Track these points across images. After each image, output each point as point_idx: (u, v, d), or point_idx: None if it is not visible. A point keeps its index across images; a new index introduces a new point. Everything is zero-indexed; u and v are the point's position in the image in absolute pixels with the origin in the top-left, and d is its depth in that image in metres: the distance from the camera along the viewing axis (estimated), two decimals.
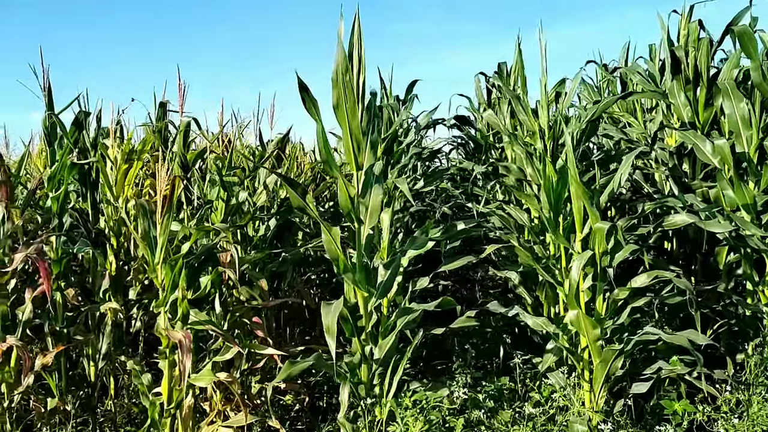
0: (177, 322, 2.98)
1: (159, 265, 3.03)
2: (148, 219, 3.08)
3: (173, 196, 2.95)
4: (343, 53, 2.64)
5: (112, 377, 4.10)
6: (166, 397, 3.08)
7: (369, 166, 2.83)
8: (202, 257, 3.20)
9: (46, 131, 3.55)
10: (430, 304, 3.07)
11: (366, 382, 2.89)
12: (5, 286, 3.26)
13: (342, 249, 2.81)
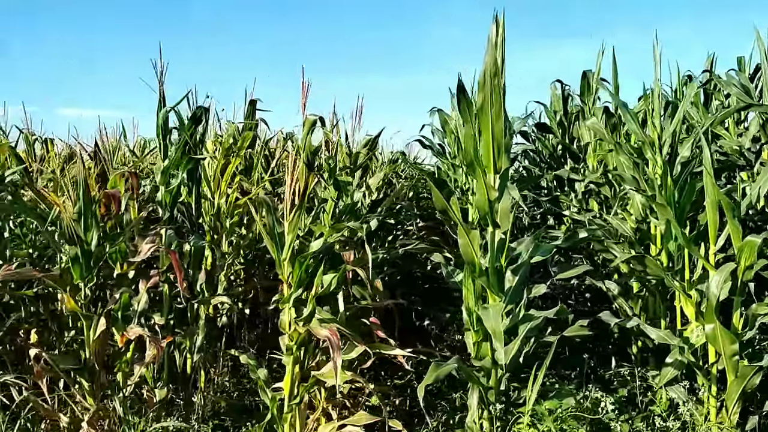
0: (302, 319, 2.98)
1: (285, 262, 3.04)
2: (272, 215, 3.09)
3: (305, 194, 2.96)
4: (493, 57, 2.63)
5: (203, 371, 4.12)
6: (288, 393, 3.08)
7: (504, 170, 2.82)
8: (320, 255, 3.21)
9: (161, 126, 3.57)
10: (549, 312, 3.06)
11: (495, 387, 2.87)
12: (127, 276, 3.28)
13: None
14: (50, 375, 3.02)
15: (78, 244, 3.01)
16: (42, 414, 3.11)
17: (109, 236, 3.18)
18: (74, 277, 3.08)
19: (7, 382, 3.35)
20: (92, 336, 3.10)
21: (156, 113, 3.62)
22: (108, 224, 3.17)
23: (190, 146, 3.64)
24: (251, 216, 4.57)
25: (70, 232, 2.99)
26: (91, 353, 3.11)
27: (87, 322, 3.10)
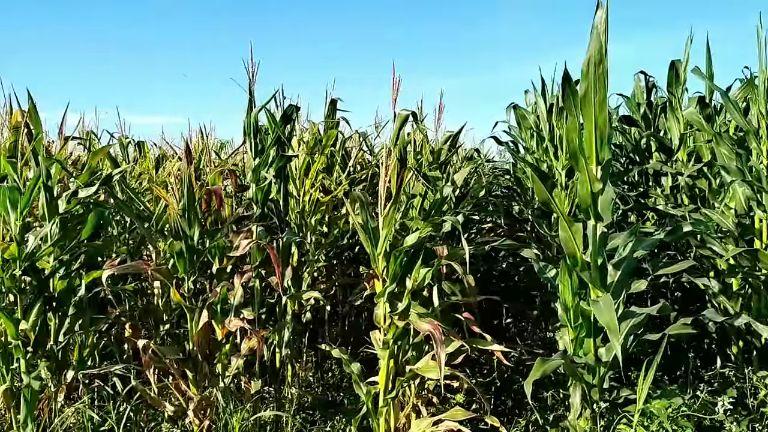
0: (398, 314, 2.99)
1: (380, 256, 3.06)
2: (366, 210, 3.12)
3: (400, 188, 2.97)
4: (599, 44, 2.57)
5: (289, 365, 4.21)
6: (383, 387, 3.10)
7: (606, 161, 2.74)
8: (412, 250, 3.21)
9: (253, 125, 3.66)
10: (652, 309, 2.95)
11: (598, 385, 2.80)
12: (225, 270, 3.39)
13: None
14: (157, 365, 3.15)
15: (183, 239, 3.13)
16: (148, 402, 3.25)
17: (209, 232, 3.28)
18: (179, 271, 3.20)
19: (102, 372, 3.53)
20: (195, 328, 3.21)
21: (246, 113, 3.71)
22: (208, 220, 3.28)
23: (280, 145, 3.72)
24: (332, 214, 4.65)
25: (176, 228, 3.11)
26: (194, 344, 3.22)
27: (190, 314, 3.22)
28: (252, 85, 3.62)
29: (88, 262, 3.62)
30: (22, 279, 3.30)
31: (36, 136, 3.34)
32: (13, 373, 3.31)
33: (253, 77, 3.62)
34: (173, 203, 3.04)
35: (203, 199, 3.20)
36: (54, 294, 3.43)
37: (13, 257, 3.22)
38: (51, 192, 3.37)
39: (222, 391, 3.21)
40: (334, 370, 4.64)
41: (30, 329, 3.15)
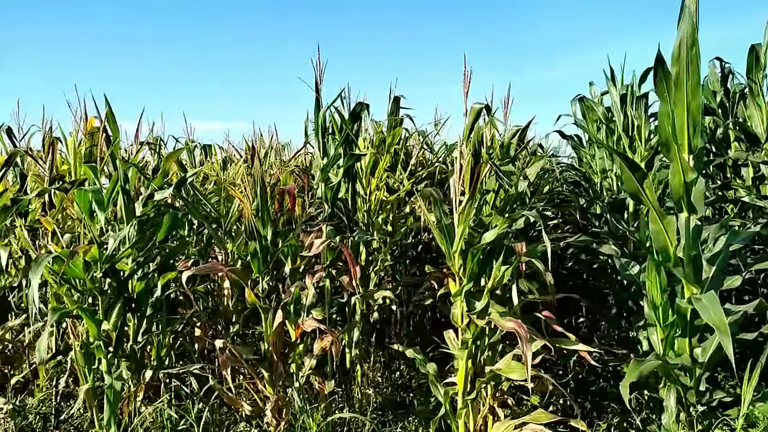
0: (477, 313, 2.91)
1: (456, 254, 2.98)
2: (439, 208, 3.05)
3: (476, 184, 2.89)
4: (690, 25, 2.42)
5: (359, 365, 4.17)
6: (461, 388, 3.02)
7: (699, 150, 2.58)
8: (487, 248, 3.12)
9: (321, 125, 3.65)
10: (749, 306, 2.77)
11: (694, 387, 2.64)
12: (299, 270, 3.38)
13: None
14: (233, 365, 3.16)
15: (257, 240, 3.13)
16: (225, 401, 3.27)
17: (281, 232, 3.28)
18: (253, 271, 3.20)
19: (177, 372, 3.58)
20: (270, 328, 3.21)
21: (315, 112, 3.70)
22: (281, 220, 3.28)
23: (348, 143, 3.69)
24: (396, 213, 4.60)
25: (250, 228, 3.11)
26: (269, 344, 3.22)
27: (265, 314, 3.22)
28: (319, 84, 3.61)
29: (163, 264, 3.68)
30: (103, 281, 3.37)
31: (114, 141, 3.41)
32: (95, 373, 3.39)
33: (321, 76, 3.60)
34: (247, 204, 3.04)
35: (276, 199, 3.19)
36: (132, 295, 3.49)
37: (94, 259, 3.29)
38: (128, 195, 3.43)
39: (299, 391, 3.19)
40: (402, 370, 4.59)
41: (112, 329, 3.22)
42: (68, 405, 4.16)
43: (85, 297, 3.35)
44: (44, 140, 3.96)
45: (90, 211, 3.26)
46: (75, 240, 3.91)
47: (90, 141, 4.02)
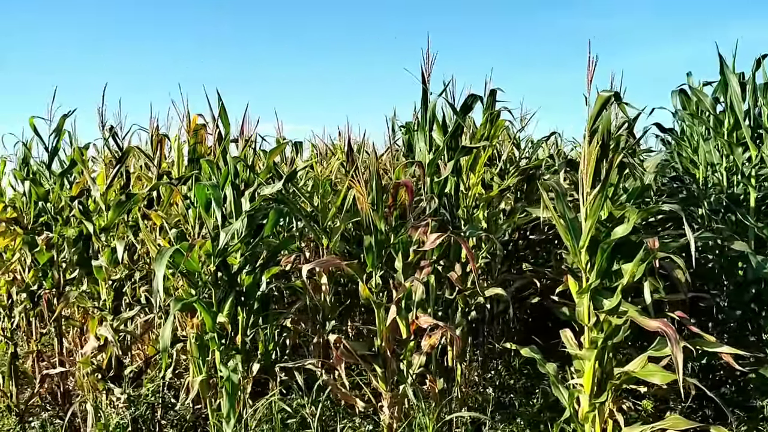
0: (606, 311, 2.77)
1: (583, 250, 2.85)
2: (562, 201, 2.92)
3: (608, 176, 2.75)
4: None
5: (458, 364, 4.08)
6: (588, 391, 2.89)
7: None
8: (614, 242, 2.97)
9: (429, 118, 3.58)
10: None
11: None
12: (412, 265, 3.31)
13: None
14: (348, 360, 3.13)
15: (373, 234, 3.09)
16: (339, 397, 3.24)
17: (394, 226, 3.23)
18: (367, 266, 3.16)
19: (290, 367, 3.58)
20: (383, 324, 3.16)
21: (421, 104, 3.63)
22: (394, 214, 3.22)
23: (454, 137, 3.61)
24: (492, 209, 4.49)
25: (367, 222, 3.07)
26: (382, 341, 3.17)
27: (378, 310, 3.17)
28: (427, 76, 3.54)
29: (268, 259, 3.69)
30: (215, 274, 3.41)
31: (225, 137, 3.43)
32: (209, 365, 3.43)
33: (429, 68, 3.53)
34: (365, 198, 3.01)
35: (390, 193, 3.14)
36: (242, 289, 3.51)
37: (207, 253, 3.33)
38: (238, 190, 3.45)
39: (413, 387, 3.13)
40: (500, 369, 4.48)
41: (228, 322, 3.24)
42: (173, 395, 4.25)
43: (199, 290, 3.39)
44: (152, 138, 4.05)
45: (206, 205, 3.29)
46: (180, 235, 3.98)
47: (194, 138, 4.08)
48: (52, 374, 4.18)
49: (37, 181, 4.29)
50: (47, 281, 4.28)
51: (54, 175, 4.24)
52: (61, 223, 4.24)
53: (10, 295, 4.67)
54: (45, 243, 4.12)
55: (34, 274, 4.48)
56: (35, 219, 4.41)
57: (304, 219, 4.20)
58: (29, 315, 4.77)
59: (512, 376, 4.40)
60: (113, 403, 3.61)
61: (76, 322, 4.42)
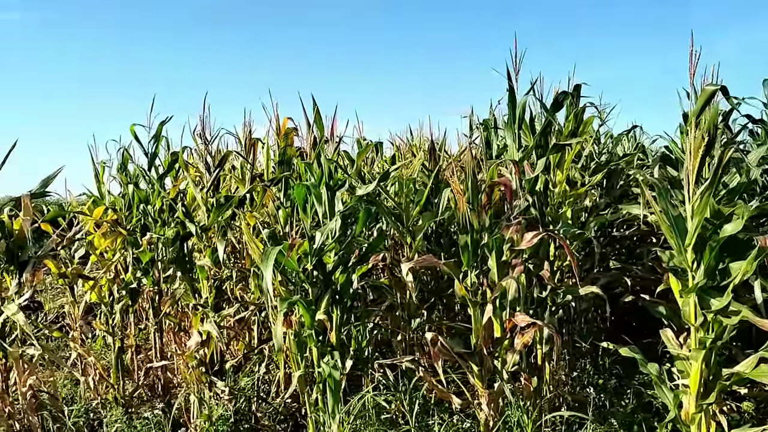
0: (715, 311, 2.71)
1: (689, 248, 2.80)
2: (666, 198, 2.87)
3: (718, 172, 2.68)
4: None
5: (546, 363, 4.06)
6: (695, 392, 2.83)
7: None
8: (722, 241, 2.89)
9: (519, 116, 3.58)
10: None
11: None
12: (505, 264, 3.33)
13: None
14: (445, 357, 3.17)
15: (469, 232, 3.13)
16: (436, 394, 3.30)
17: (488, 225, 3.25)
18: (463, 264, 3.20)
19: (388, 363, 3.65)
20: (479, 322, 3.20)
21: (509, 102, 3.63)
22: (488, 213, 3.25)
23: (544, 134, 3.60)
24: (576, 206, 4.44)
25: (463, 221, 3.11)
26: (479, 338, 3.21)
27: (474, 308, 3.21)
28: (516, 74, 3.54)
29: (360, 257, 3.79)
30: (312, 273, 3.52)
31: (320, 139, 3.54)
32: (306, 361, 3.56)
33: (517, 66, 3.53)
34: (463, 198, 3.04)
35: (485, 192, 3.16)
36: (336, 287, 3.62)
37: (305, 252, 3.45)
38: (332, 191, 3.56)
39: (510, 385, 3.15)
40: (588, 369, 4.43)
41: (326, 319, 3.35)
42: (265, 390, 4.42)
43: (297, 288, 3.52)
44: (245, 142, 4.21)
45: (303, 205, 3.41)
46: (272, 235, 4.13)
47: (284, 141, 4.23)
48: (155, 367, 4.41)
49: (138, 185, 4.54)
50: (148, 279, 4.53)
51: (153, 179, 4.47)
52: (160, 224, 4.48)
53: (111, 292, 4.95)
54: (147, 243, 4.36)
55: (133, 273, 4.75)
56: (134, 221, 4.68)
57: (390, 219, 4.28)
58: (128, 311, 5.06)
59: (601, 375, 4.34)
60: (216, 396, 3.79)
61: (174, 319, 4.66)
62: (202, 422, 3.66)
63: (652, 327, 5.47)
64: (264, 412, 4.22)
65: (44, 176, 4.40)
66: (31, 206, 4.34)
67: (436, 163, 4.46)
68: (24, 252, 4.38)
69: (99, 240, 4.91)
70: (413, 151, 5.10)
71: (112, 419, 4.19)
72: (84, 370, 4.80)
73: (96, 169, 4.93)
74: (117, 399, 4.49)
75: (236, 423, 3.88)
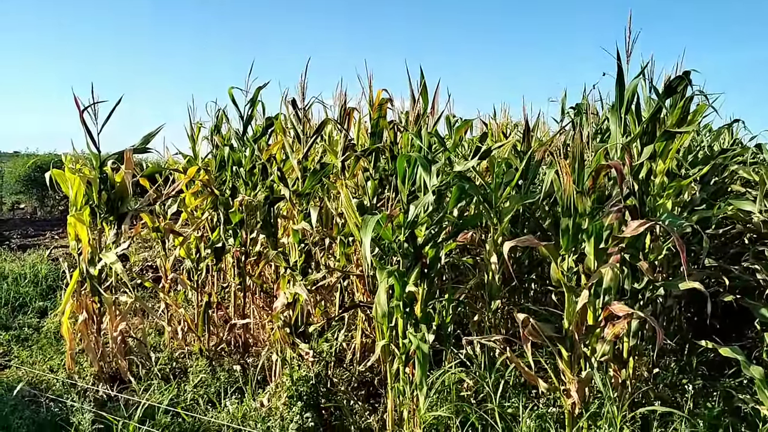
0: None
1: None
2: None
3: None
4: None
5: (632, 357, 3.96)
6: None
7: None
8: None
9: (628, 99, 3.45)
10: None
11: None
12: (604, 251, 3.25)
13: None
14: (535, 340, 3.14)
15: (571, 216, 3.06)
16: (523, 376, 3.28)
17: (589, 210, 3.17)
18: (561, 248, 3.14)
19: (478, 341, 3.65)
20: (572, 308, 3.14)
21: (616, 85, 3.50)
22: (591, 197, 3.17)
23: (653, 121, 3.46)
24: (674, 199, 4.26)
25: (567, 204, 3.05)
26: (571, 323, 3.15)
27: (569, 293, 3.15)
28: (628, 56, 3.40)
29: (451, 234, 3.78)
30: (404, 245, 3.54)
31: (424, 113, 3.53)
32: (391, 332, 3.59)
33: (630, 47, 3.39)
34: (569, 180, 2.97)
35: (591, 175, 3.08)
36: (426, 261, 3.63)
37: (399, 224, 3.46)
38: (430, 163, 3.55)
39: (600, 373, 3.09)
40: (672, 368, 4.30)
41: (417, 291, 3.37)
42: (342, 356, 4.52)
43: (387, 259, 3.55)
44: (341, 111, 4.24)
45: (403, 176, 3.42)
46: (360, 205, 4.17)
47: (377, 113, 4.23)
48: (238, 324, 4.57)
49: (233, 147, 4.67)
50: (237, 240, 4.68)
51: (249, 141, 4.58)
52: (251, 186, 4.60)
53: (198, 249, 5.15)
54: (238, 204, 4.49)
55: (218, 233, 4.91)
56: (225, 182, 4.82)
57: (479, 198, 4.24)
58: (212, 269, 5.26)
59: (686, 375, 4.20)
60: (299, 357, 3.90)
61: (258, 280, 4.80)
62: (285, 380, 3.77)
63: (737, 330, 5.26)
64: (339, 378, 4.31)
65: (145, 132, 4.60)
66: (133, 161, 4.55)
67: (529, 145, 4.37)
68: (123, 204, 4.60)
69: (190, 198, 5.10)
70: (503, 131, 5.01)
71: (197, 369, 4.38)
72: (170, 320, 5.04)
73: (192, 129, 5.10)
74: (202, 351, 4.69)
75: (315, 385, 3.98)
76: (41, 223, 14.02)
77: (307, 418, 3.56)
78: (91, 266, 4.40)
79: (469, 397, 3.72)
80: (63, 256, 8.61)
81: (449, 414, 3.35)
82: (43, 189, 15.36)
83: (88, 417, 3.48)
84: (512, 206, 4.18)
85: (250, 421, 3.55)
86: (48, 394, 4.03)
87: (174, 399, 3.91)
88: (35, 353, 4.99)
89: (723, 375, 4.26)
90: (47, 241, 11.02)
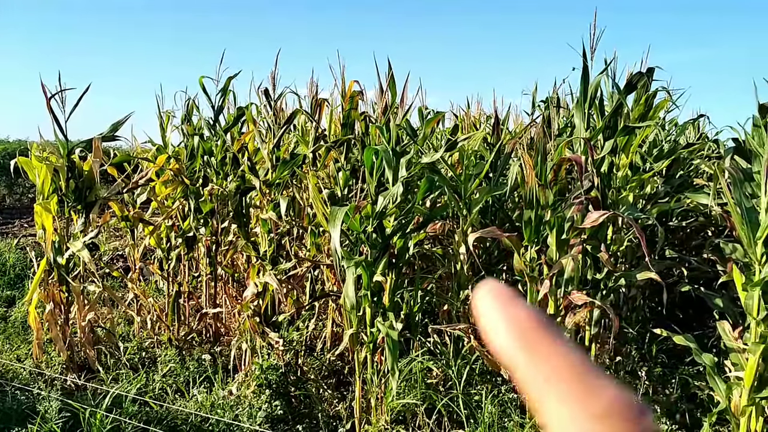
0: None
1: (760, 241, 2.76)
2: (739, 189, 2.83)
3: None
4: None
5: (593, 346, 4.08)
6: (749, 384, 2.83)
7: None
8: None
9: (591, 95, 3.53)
10: None
11: None
12: (565, 242, 3.34)
13: None
14: None
15: (534, 208, 3.14)
16: (486, 363, 3.36)
17: (551, 202, 3.26)
18: (524, 239, 3.22)
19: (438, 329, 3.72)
20: (534, 297, 3.23)
21: (581, 81, 3.59)
22: (553, 190, 3.25)
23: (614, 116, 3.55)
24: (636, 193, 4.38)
25: (529, 196, 3.12)
26: None
27: (531, 283, 3.24)
28: (592, 52, 3.48)
29: (419, 225, 3.84)
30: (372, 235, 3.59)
31: (392, 105, 3.57)
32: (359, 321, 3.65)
33: (594, 44, 3.47)
34: (533, 172, 3.05)
35: (553, 168, 3.16)
36: (394, 251, 3.68)
37: (367, 215, 3.51)
38: (398, 156, 3.60)
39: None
40: (633, 355, 4.43)
41: (384, 281, 3.42)
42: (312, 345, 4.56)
43: (355, 249, 3.60)
44: (311, 102, 4.26)
45: (371, 168, 3.46)
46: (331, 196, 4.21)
47: (349, 104, 4.26)
48: (210, 314, 4.58)
49: (203, 137, 4.65)
50: (207, 229, 4.68)
51: (219, 131, 4.58)
52: (222, 176, 4.60)
53: (168, 239, 5.13)
54: (209, 194, 4.49)
55: (189, 222, 4.91)
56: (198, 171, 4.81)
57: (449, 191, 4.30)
58: (183, 258, 5.24)
59: (646, 363, 4.34)
60: (269, 346, 3.93)
61: (228, 270, 4.81)
62: (254, 369, 3.81)
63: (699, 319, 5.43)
64: (309, 367, 4.36)
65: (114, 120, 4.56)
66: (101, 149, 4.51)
67: (498, 137, 4.44)
68: (92, 193, 4.56)
69: (160, 187, 5.07)
70: (474, 123, 5.08)
71: (165, 359, 4.39)
72: (139, 310, 5.02)
73: (161, 118, 5.07)
74: (171, 340, 4.69)
75: (284, 374, 4.03)
76: (10, 211, 13.76)
77: (276, 406, 3.60)
78: (59, 255, 4.36)
79: (437, 384, 3.80)
80: (31, 245, 8.48)
81: (416, 401, 3.42)
82: (11, 176, 15.06)
83: (54, 405, 3.47)
84: (481, 198, 4.25)
85: (218, 410, 3.58)
86: (15, 383, 4.00)
87: (142, 388, 3.92)
88: (2, 343, 4.94)
89: (683, 363, 4.41)
90: (16, 230, 10.83)
